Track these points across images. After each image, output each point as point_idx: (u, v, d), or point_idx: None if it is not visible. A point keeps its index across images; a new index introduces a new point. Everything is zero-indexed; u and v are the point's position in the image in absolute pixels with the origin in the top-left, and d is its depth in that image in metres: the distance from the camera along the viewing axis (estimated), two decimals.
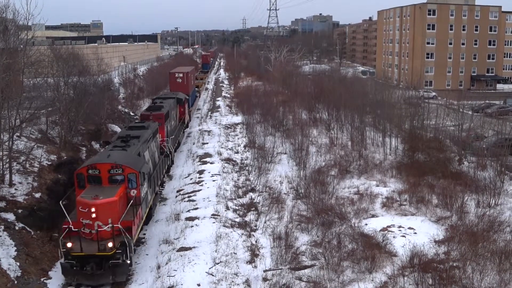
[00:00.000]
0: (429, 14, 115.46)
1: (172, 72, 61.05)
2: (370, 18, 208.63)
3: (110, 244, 20.95)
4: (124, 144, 27.26)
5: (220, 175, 36.45)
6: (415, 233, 26.01)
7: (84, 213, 21.44)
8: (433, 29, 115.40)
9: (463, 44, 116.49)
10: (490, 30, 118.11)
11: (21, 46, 32.21)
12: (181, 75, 58.92)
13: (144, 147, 28.67)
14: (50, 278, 22.01)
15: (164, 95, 49.36)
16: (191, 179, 36.28)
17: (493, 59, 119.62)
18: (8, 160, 27.35)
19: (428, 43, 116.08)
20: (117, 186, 23.32)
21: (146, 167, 26.15)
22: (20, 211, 25.26)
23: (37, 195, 27.41)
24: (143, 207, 25.23)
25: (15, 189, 27.07)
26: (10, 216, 24.66)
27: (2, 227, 23.48)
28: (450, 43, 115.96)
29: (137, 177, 23.98)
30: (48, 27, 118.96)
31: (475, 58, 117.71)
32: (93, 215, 21.24)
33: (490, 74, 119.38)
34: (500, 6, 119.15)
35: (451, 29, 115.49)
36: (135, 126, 32.36)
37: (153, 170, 29.56)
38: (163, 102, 41.68)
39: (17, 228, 24.03)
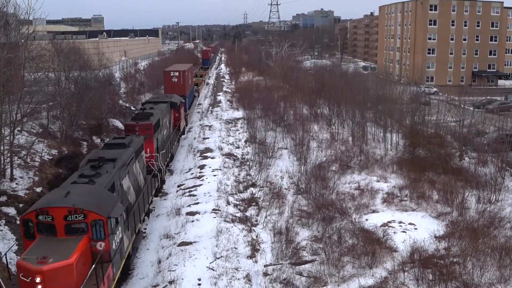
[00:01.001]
0: (431, 10, 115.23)
1: (167, 71, 55.58)
2: (371, 13, 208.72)
3: None
4: (93, 172, 20.84)
5: (221, 170, 36.46)
6: (416, 228, 26.02)
7: (27, 284, 15.47)
8: (434, 24, 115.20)
9: (464, 39, 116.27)
10: (492, 26, 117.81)
11: (22, 40, 32.20)
12: (177, 74, 53.38)
13: (122, 173, 22.76)
14: None
15: (156, 99, 42.83)
16: (192, 173, 36.29)
17: (494, 55, 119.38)
18: (9, 154, 27.38)
19: (429, 38, 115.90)
20: (77, 239, 17.21)
21: (118, 209, 19.26)
22: (21, 205, 25.29)
23: (38, 189, 27.46)
24: (116, 262, 18.85)
25: (16, 184, 27.12)
26: (11, 211, 24.70)
27: (3, 221, 23.52)
28: (452, 39, 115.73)
29: (105, 225, 17.75)
30: (49, 22, 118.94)
31: (476, 54, 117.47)
32: None
33: (491, 70, 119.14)
34: (502, 2, 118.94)
35: (452, 25, 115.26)
36: (113, 143, 26.03)
37: (136, 199, 24.43)
38: (154, 108, 36.09)
39: (18, 222, 24.05)
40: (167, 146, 36.36)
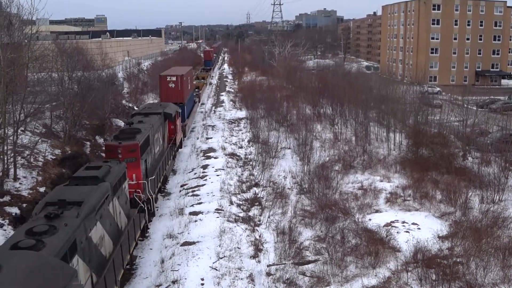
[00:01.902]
0: (434, 9, 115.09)
1: (162, 76, 49.00)
2: (374, 13, 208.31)
3: None
4: (47, 226, 15.07)
5: (224, 170, 36.48)
6: (419, 228, 26.01)
7: None
8: (437, 24, 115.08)
9: (467, 39, 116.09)
10: (495, 25, 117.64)
11: (26, 40, 32.23)
12: (174, 78, 47.00)
13: (91, 221, 17.11)
14: None
15: (147, 109, 36.32)
16: (195, 173, 36.32)
17: (498, 54, 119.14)
18: (12, 154, 27.41)
19: (432, 38, 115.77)
20: None
21: None
22: (24, 205, 25.31)
23: (42, 189, 27.48)
24: None
25: (20, 184, 27.15)
26: (15, 210, 24.72)
27: (7, 221, 23.55)
28: (455, 38, 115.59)
29: None
30: (52, 22, 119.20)
31: (479, 54, 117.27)
32: None
33: (495, 69, 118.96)
34: (505, 1, 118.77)
35: (455, 24, 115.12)
36: (83, 177, 19.74)
37: (114, 247, 19.51)
38: (143, 122, 30.33)
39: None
40: (159, 167, 30.61)
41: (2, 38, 29.00)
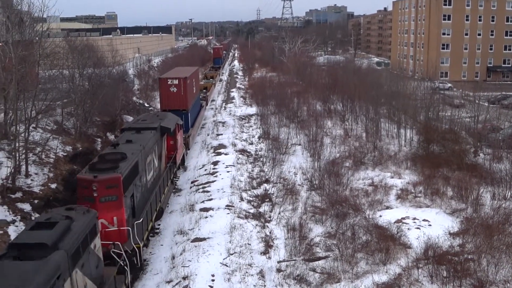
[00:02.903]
0: (445, 5, 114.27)
1: (163, 78, 42.79)
2: (385, 8, 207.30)
3: None
4: None
5: (234, 166, 36.50)
6: (430, 225, 25.90)
7: None
8: (449, 19, 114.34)
9: (479, 34, 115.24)
10: (507, 21, 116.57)
11: (36, 38, 32.42)
12: (176, 81, 40.98)
13: None
14: None
15: (141, 122, 29.10)
16: (205, 170, 36.36)
17: (509, 50, 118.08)
18: (24, 151, 27.56)
19: (443, 33, 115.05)
20: None
21: None
22: (36, 201, 25.48)
23: (53, 185, 27.63)
24: None
25: (31, 180, 27.30)
26: (27, 207, 24.89)
27: (19, 217, 23.70)
28: (466, 34, 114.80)
29: None
30: (63, 19, 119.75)
31: (491, 49, 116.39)
32: None
33: (506, 65, 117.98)
34: None
35: (467, 20, 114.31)
36: (23, 245, 13.68)
37: None
38: (133, 141, 23.93)
39: (33, 218, 24.23)
40: (151, 201, 23.82)
41: (13, 35, 29.17)
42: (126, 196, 20.16)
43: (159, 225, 26.77)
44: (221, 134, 47.62)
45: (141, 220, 21.26)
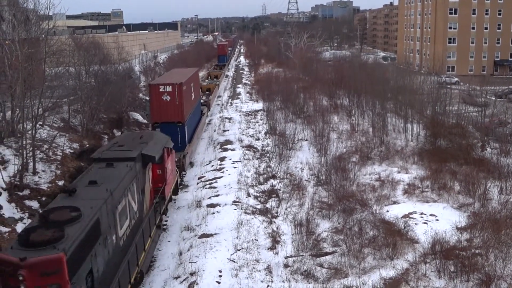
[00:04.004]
0: None
1: (154, 85, 35.17)
2: (391, 3, 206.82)
3: None
4: None
5: (241, 162, 36.50)
6: (437, 220, 25.84)
7: None
8: (455, 13, 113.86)
9: (486, 28, 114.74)
10: None
11: (43, 35, 32.52)
12: (169, 88, 34.12)
13: None
14: None
15: (117, 149, 21.25)
16: (212, 166, 36.39)
17: None
18: (31, 148, 27.68)
19: (450, 27, 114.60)
20: None
21: None
22: (43, 198, 25.60)
23: (60, 182, 27.75)
24: None
25: (39, 177, 27.43)
26: (34, 204, 25.01)
27: (27, 214, 23.83)
28: (473, 28, 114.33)
29: None
30: (68, 17, 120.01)
31: (498, 43, 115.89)
32: None
33: None
34: None
35: (473, 13, 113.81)
36: None
37: None
38: (98, 182, 16.87)
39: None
40: (124, 267, 16.81)
41: (19, 33, 29.26)
42: (76, 282, 13.23)
43: (166, 221, 26.82)
44: (228, 130, 47.59)
45: None
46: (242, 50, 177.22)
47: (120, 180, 17.95)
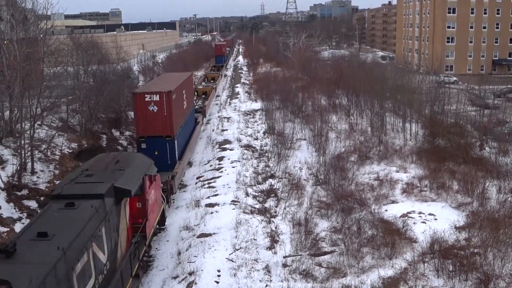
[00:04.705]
0: None
1: (139, 93, 29.96)
2: (389, 2, 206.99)
3: None
4: None
5: (239, 161, 36.50)
6: (436, 219, 25.84)
7: None
8: (453, 12, 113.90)
9: (484, 27, 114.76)
10: None
11: (41, 35, 32.51)
12: (156, 97, 29.14)
13: None
14: None
15: (84, 179, 16.83)
16: (210, 165, 36.38)
17: None
18: (29, 148, 27.67)
19: (448, 27, 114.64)
20: None
21: None
22: (42, 198, 25.59)
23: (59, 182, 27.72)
24: None
25: (37, 177, 27.43)
26: (33, 204, 25.01)
27: (25, 214, 23.82)
28: (471, 27, 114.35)
29: None
30: (67, 16, 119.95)
31: (496, 42, 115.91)
32: None
33: None
34: None
35: (472, 13, 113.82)
36: None
37: None
38: (48, 235, 12.34)
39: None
40: None
41: (17, 33, 29.25)
42: None
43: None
44: (226, 130, 47.58)
45: None
46: (240, 50, 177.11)
47: (82, 227, 13.58)
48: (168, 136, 30.03)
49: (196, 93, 58.16)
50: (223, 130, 47.50)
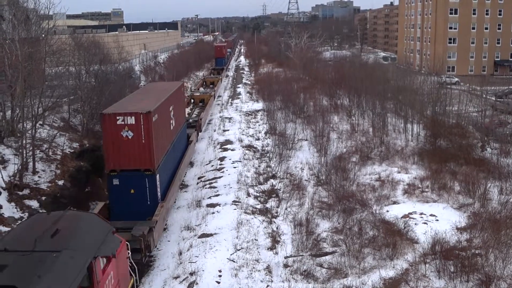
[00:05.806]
0: None
1: (109, 115, 22.66)
2: (391, 3, 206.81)
3: None
4: None
5: (241, 162, 36.48)
6: (437, 220, 25.83)
7: None
8: (455, 13, 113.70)
9: (486, 28, 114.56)
10: None
11: (43, 35, 32.55)
12: (131, 120, 22.39)
13: None
14: None
15: (2, 260, 11.21)
16: (212, 166, 36.37)
17: None
18: (31, 148, 27.69)
19: (450, 28, 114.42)
20: None
21: None
22: (43, 198, 25.62)
23: (60, 182, 27.76)
24: None
25: (39, 177, 27.44)
26: (34, 203, 25.02)
27: (27, 214, 23.82)
28: (473, 28, 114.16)
29: None
30: (69, 16, 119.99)
31: (498, 43, 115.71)
32: None
33: None
34: None
35: (474, 14, 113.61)
36: None
37: None
38: None
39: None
40: None
41: (19, 32, 29.28)
42: None
43: (166, 221, 26.78)
44: (228, 130, 47.57)
45: None
46: (242, 50, 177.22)
47: None
48: (147, 170, 23.21)
49: (192, 101, 55.33)
50: (224, 130, 47.49)
